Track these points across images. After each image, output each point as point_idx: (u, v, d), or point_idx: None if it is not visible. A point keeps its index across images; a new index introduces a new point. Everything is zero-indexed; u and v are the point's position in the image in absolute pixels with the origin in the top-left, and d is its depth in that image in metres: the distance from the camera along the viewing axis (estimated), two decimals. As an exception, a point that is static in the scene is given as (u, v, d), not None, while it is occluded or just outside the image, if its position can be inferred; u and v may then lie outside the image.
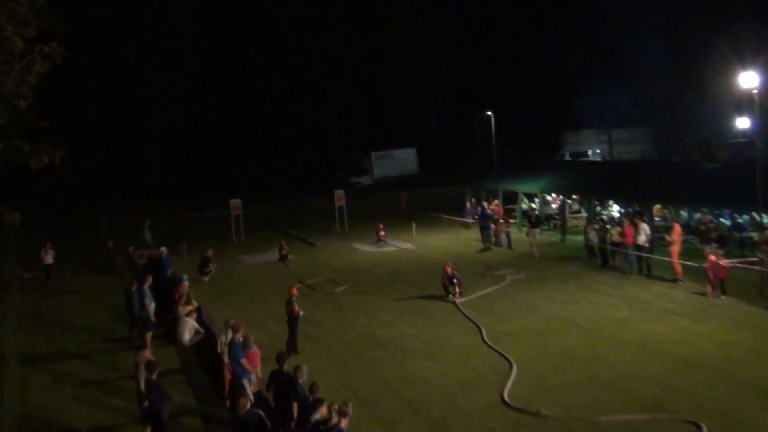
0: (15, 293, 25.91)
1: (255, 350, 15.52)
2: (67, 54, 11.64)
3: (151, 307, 20.42)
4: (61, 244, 39.42)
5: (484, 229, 34.30)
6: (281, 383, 12.76)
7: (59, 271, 32.39)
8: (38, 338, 22.25)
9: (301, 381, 12.57)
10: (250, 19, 74.97)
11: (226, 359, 15.56)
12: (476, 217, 36.66)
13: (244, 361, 14.92)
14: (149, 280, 21.36)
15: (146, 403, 13.36)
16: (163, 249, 26.97)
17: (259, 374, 15.30)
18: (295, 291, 20.46)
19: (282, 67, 73.63)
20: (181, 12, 69.51)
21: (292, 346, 19.06)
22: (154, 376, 13.34)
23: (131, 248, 31.49)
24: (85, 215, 48.13)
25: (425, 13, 71.86)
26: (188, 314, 20.52)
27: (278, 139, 71.72)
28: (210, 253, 30.36)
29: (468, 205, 40.08)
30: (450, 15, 72.75)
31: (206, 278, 29.23)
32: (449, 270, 24.77)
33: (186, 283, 22.28)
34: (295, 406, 12.19)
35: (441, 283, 24.09)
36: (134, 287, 21.10)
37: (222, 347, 16.32)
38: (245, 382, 14.85)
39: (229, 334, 15.91)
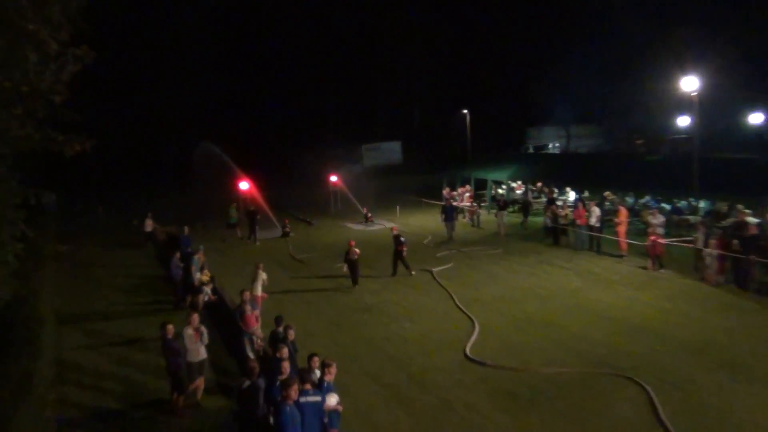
0: (51, 264, 25.85)
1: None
2: (96, 56, 11.65)
3: (196, 275, 20.61)
4: (93, 223, 39.64)
5: (448, 221, 31.14)
6: (276, 341, 12.81)
7: (90, 246, 32.45)
8: (72, 301, 22.30)
9: (290, 339, 12.72)
10: (259, 29, 74.78)
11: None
12: (443, 210, 32.58)
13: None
14: (200, 251, 21.99)
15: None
16: (185, 227, 26.89)
17: (260, 333, 15.47)
18: (353, 243, 22.89)
19: (287, 73, 73.73)
20: (194, 25, 69.23)
21: (354, 280, 22.53)
22: (169, 336, 13.20)
23: (160, 228, 31.60)
24: (114, 197, 47.92)
25: (408, 28, 71.56)
26: (206, 283, 20.50)
27: (283, 132, 71.64)
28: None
29: (445, 192, 39.07)
30: (431, 28, 72.43)
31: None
32: (396, 228, 25.56)
33: (201, 252, 22.26)
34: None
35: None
36: (177, 256, 21.53)
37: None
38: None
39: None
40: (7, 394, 10.06)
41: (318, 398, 10.00)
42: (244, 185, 36.77)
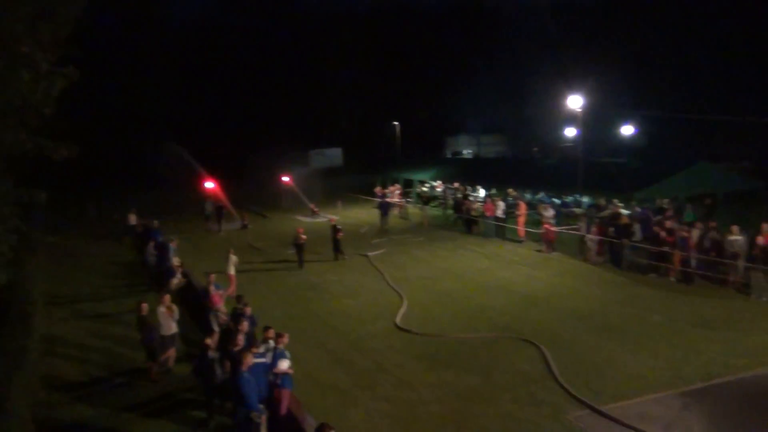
0: (42, 253, 24.95)
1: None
2: (80, 74, 11.40)
3: (174, 260, 20.04)
4: (83, 218, 38.32)
5: (383, 215, 30.82)
6: (237, 317, 12.75)
7: (78, 238, 31.41)
8: (60, 285, 21.57)
9: (247, 314, 12.68)
10: (227, 50, 73.58)
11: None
12: (379, 206, 32.09)
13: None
14: (175, 240, 21.43)
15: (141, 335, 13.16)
16: (155, 221, 26.22)
17: (224, 309, 15.26)
18: (301, 230, 23.31)
19: (249, 89, 72.72)
20: (164, 41, 67.79)
21: (300, 261, 22.60)
22: (144, 313, 13.07)
23: (137, 219, 30.58)
24: (95, 197, 46.23)
25: (349, 54, 71.40)
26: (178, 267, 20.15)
27: (242, 138, 70.50)
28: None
29: (376, 190, 38.74)
30: (367, 54, 72.43)
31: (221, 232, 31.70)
32: (334, 219, 26.07)
33: (175, 243, 21.81)
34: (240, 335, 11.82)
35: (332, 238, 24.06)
36: (151, 245, 21.10)
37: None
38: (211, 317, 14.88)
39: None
40: (4, 365, 9.80)
41: (265, 359, 10.06)
42: (209, 184, 36.08)
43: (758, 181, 28.00)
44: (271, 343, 10.67)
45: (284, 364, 10.21)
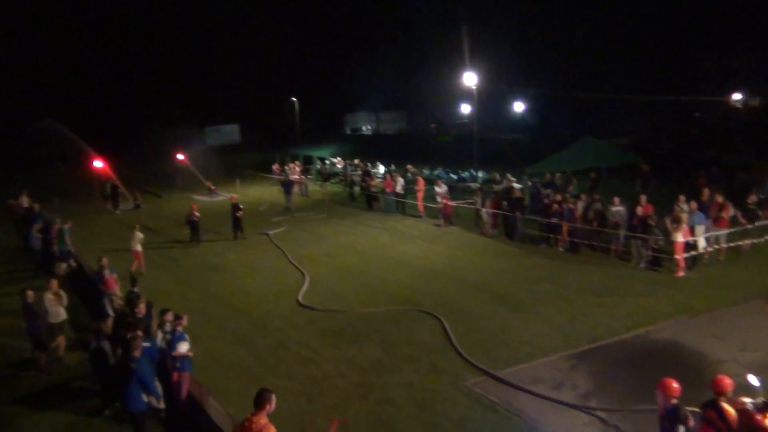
0: None
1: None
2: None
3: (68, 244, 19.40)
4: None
5: (287, 192, 30.08)
6: (132, 300, 12.25)
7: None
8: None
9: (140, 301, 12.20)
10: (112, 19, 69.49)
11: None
12: (282, 184, 31.59)
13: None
14: (68, 222, 20.29)
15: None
16: (36, 205, 24.64)
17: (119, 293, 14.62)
18: (195, 207, 23.18)
19: (138, 63, 69.20)
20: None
21: (196, 240, 22.56)
22: (29, 300, 12.33)
23: (11, 201, 28.50)
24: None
25: (246, 29, 69.56)
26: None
27: (134, 114, 67.17)
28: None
29: (274, 167, 38.14)
30: (265, 29, 70.81)
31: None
32: (234, 197, 25.08)
33: (69, 224, 20.54)
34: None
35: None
36: (35, 228, 20.19)
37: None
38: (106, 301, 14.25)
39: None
40: None
41: (148, 344, 9.78)
42: (98, 163, 34.15)
43: (636, 155, 29.81)
44: (169, 326, 10.37)
45: (183, 347, 9.96)
